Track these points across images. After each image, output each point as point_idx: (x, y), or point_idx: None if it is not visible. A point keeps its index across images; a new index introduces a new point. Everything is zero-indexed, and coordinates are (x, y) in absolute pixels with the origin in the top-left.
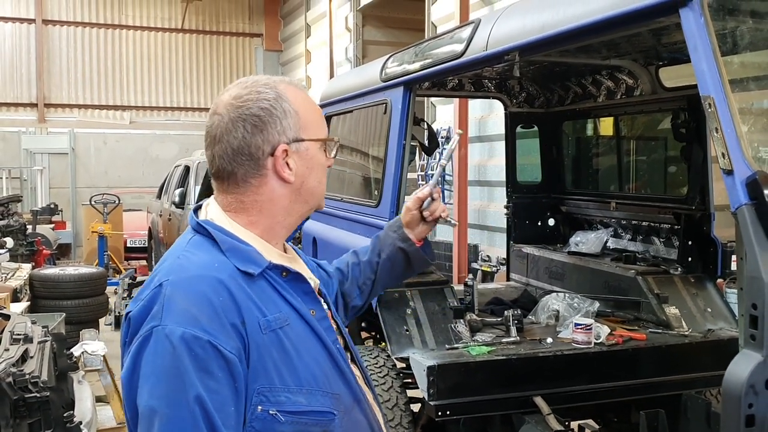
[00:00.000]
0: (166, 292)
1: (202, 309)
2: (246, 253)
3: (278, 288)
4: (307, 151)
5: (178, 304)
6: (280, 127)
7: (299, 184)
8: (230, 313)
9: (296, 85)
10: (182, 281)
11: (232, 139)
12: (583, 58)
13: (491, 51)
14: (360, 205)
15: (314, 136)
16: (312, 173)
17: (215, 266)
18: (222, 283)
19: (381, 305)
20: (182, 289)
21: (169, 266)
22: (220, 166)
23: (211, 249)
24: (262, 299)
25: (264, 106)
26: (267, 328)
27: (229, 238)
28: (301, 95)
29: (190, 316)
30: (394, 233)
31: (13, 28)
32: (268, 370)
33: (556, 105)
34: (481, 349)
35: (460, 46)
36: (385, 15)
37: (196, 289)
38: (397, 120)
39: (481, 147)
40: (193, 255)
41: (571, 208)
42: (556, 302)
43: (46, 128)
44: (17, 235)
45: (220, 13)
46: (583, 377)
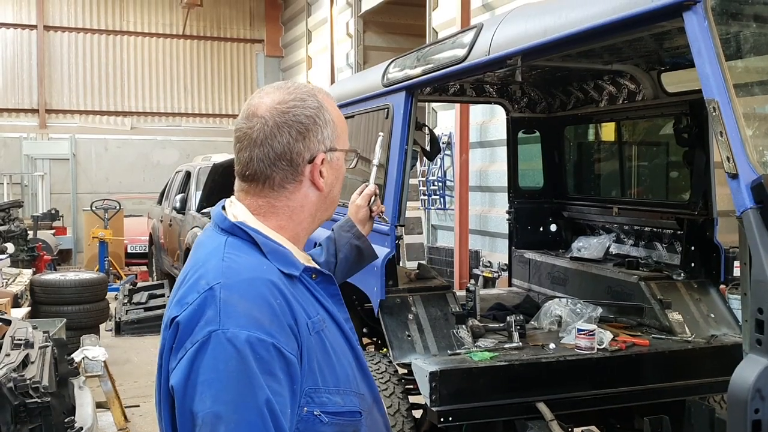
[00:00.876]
0: (220, 295)
1: (262, 311)
2: (285, 255)
3: (312, 290)
4: (338, 161)
5: (237, 307)
6: (321, 136)
7: (327, 192)
8: (287, 315)
9: (328, 94)
10: (237, 284)
11: (276, 144)
12: (585, 63)
13: (494, 55)
14: None
15: (344, 147)
16: (338, 182)
17: (264, 269)
18: (275, 284)
19: (383, 311)
20: (239, 292)
21: (216, 268)
22: (258, 170)
23: (252, 251)
24: (304, 301)
25: (309, 114)
26: (313, 330)
27: (267, 240)
28: (334, 105)
29: (251, 318)
30: (348, 233)
31: (14, 34)
32: (314, 371)
33: (558, 110)
34: (483, 354)
35: (462, 51)
36: (386, 21)
37: (255, 291)
38: (398, 125)
39: (482, 152)
40: (238, 257)
41: (573, 213)
42: (558, 308)
43: (47, 134)
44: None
45: (221, 19)
46: (587, 383)
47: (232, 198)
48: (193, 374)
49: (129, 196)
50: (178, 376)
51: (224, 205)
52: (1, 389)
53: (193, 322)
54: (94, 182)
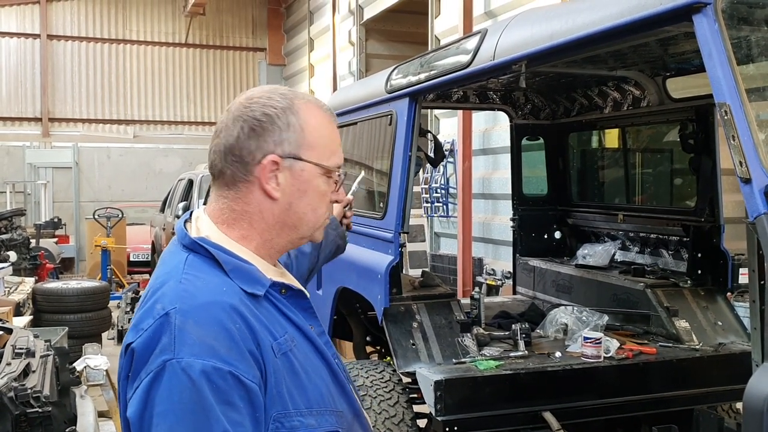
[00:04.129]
0: (175, 321)
1: (218, 338)
2: (249, 272)
3: (280, 307)
4: (302, 173)
5: (192, 334)
6: (278, 138)
7: (286, 204)
8: (247, 340)
9: (321, 106)
10: (193, 309)
11: (228, 137)
12: (589, 69)
13: (498, 61)
14: (365, 217)
15: (316, 160)
16: (304, 198)
17: (224, 290)
18: (235, 308)
19: (387, 319)
20: (194, 318)
21: (172, 292)
22: (213, 162)
23: (213, 270)
24: (270, 321)
25: (268, 113)
26: (279, 352)
27: (230, 257)
28: (318, 116)
29: (206, 346)
30: (334, 231)
31: (18, 43)
32: (282, 394)
33: (562, 116)
34: (488, 363)
35: (466, 57)
36: (389, 29)
37: (211, 317)
38: (402, 131)
39: (485, 160)
40: (196, 279)
41: (578, 220)
42: (564, 316)
43: (50, 142)
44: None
45: (223, 28)
46: (593, 392)
47: (202, 207)
48: (148, 405)
49: (131, 204)
50: (134, 407)
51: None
52: (2, 399)
53: (148, 350)
54: (97, 190)
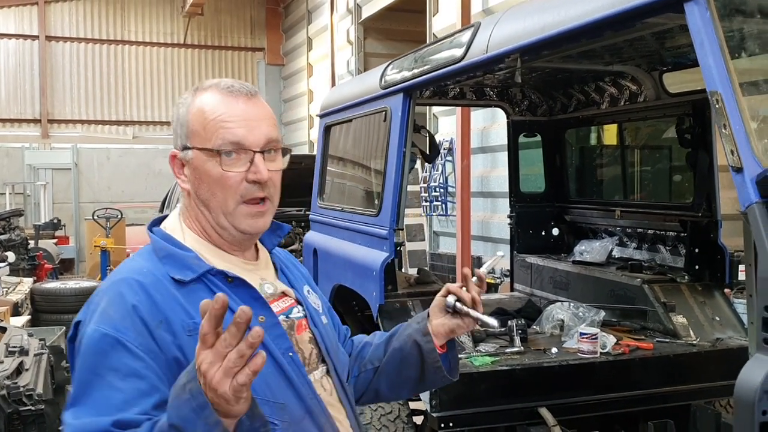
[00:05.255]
0: (96, 296)
1: (116, 308)
2: (183, 259)
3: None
4: (193, 160)
5: (101, 305)
6: (178, 132)
7: (194, 193)
8: (145, 312)
9: (222, 87)
10: (109, 285)
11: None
12: (585, 64)
13: (491, 54)
14: (360, 214)
15: (199, 145)
16: (202, 184)
17: (143, 271)
18: (142, 285)
19: (382, 316)
20: (106, 292)
21: (111, 273)
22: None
23: (150, 256)
24: (192, 303)
25: (175, 112)
26: (193, 331)
27: (168, 245)
28: (207, 99)
29: (105, 316)
30: (417, 323)
31: (16, 45)
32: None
33: (559, 113)
34: (484, 359)
35: (459, 51)
36: (387, 27)
37: (116, 290)
38: (396, 127)
39: (483, 158)
40: (131, 261)
41: (576, 216)
42: (560, 312)
43: (49, 144)
44: (19, 249)
45: (222, 28)
46: (589, 388)
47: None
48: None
49: (131, 204)
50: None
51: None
52: None
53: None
54: (96, 191)
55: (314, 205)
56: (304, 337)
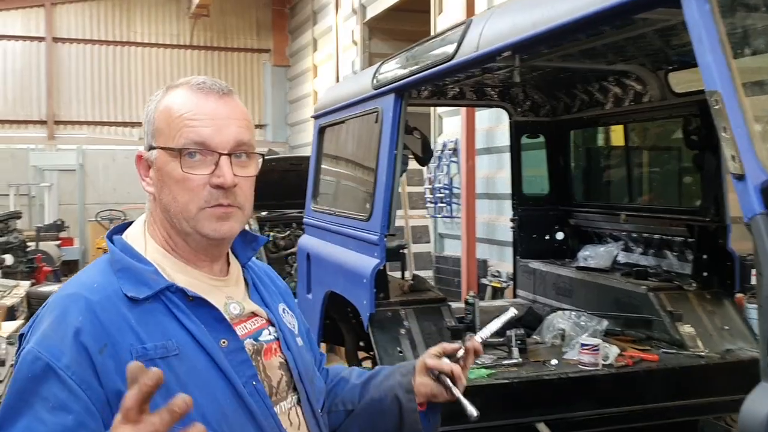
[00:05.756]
0: (43, 310)
1: (56, 329)
2: (139, 274)
3: (176, 313)
4: (156, 160)
5: (43, 323)
6: (146, 132)
7: (157, 197)
8: (87, 336)
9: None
10: (55, 300)
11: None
12: (587, 63)
13: (482, 51)
14: (351, 219)
15: (162, 144)
16: (165, 186)
17: (93, 287)
18: (89, 303)
19: (373, 325)
20: (50, 309)
21: (63, 285)
22: None
23: (106, 269)
24: (145, 325)
25: (144, 110)
26: (142, 357)
27: (126, 257)
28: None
29: (43, 335)
30: (401, 376)
31: (23, 47)
32: None
33: (563, 113)
34: (480, 372)
35: (450, 48)
36: (392, 27)
37: (60, 308)
38: (388, 129)
39: (489, 159)
40: (83, 274)
41: (580, 220)
42: (561, 321)
43: (55, 145)
44: (17, 252)
45: (228, 29)
46: (591, 402)
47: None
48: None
49: (137, 206)
50: None
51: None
52: None
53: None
54: (102, 193)
55: (308, 208)
56: (274, 363)
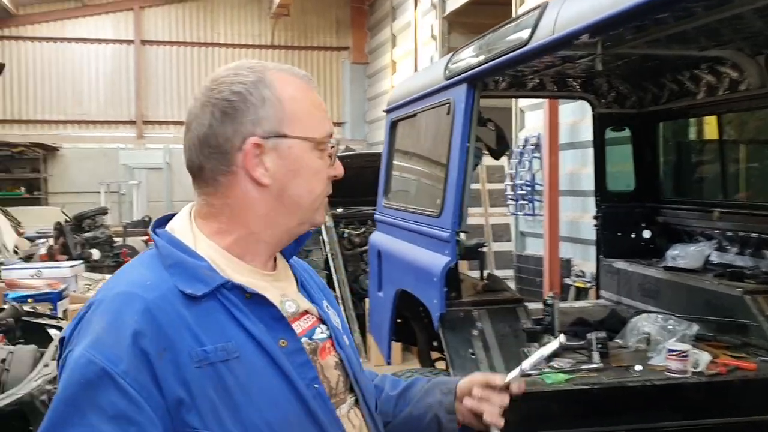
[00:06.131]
0: (87, 312)
1: (110, 331)
2: (193, 270)
3: (234, 312)
4: (290, 150)
5: (93, 325)
6: (255, 117)
7: (278, 189)
8: (146, 339)
9: (296, 73)
10: (106, 299)
11: (200, 127)
12: (677, 49)
13: (558, 35)
14: (422, 215)
15: (301, 134)
16: (297, 178)
17: (147, 284)
18: (145, 302)
19: (443, 325)
20: (102, 308)
21: (107, 282)
22: (190, 159)
23: (155, 264)
24: (204, 326)
25: (237, 90)
26: (203, 361)
27: (177, 251)
28: (294, 84)
29: (95, 337)
30: (442, 394)
31: (114, 50)
32: (201, 409)
33: (650, 104)
34: (557, 376)
35: (525, 34)
36: (471, 21)
37: (113, 307)
38: (460, 120)
39: (573, 154)
40: (132, 269)
41: (669, 218)
42: (647, 324)
43: (143, 144)
44: (104, 246)
45: (308, 28)
46: (678, 412)
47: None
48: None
49: None
50: None
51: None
52: (34, 402)
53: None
54: (189, 191)
55: (379, 204)
56: (330, 362)
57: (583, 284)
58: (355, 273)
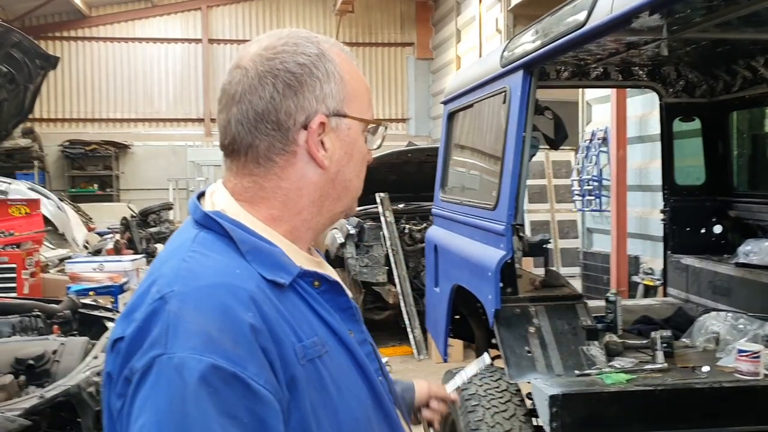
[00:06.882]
0: (171, 307)
1: (224, 329)
2: (272, 255)
3: (311, 302)
4: (349, 132)
5: (190, 322)
6: (320, 93)
7: (334, 172)
8: (261, 336)
9: (343, 48)
10: (194, 292)
11: (257, 100)
12: (750, 33)
13: (616, 13)
14: (477, 207)
15: (359, 115)
16: (351, 162)
17: (237, 273)
18: (249, 293)
19: (499, 322)
20: (195, 303)
21: (172, 272)
22: (237, 136)
23: (227, 250)
24: (295, 318)
25: (302, 62)
26: (304, 357)
27: (249, 235)
28: (348, 61)
29: (208, 338)
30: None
31: (182, 49)
32: (304, 413)
33: (721, 93)
34: (618, 376)
35: (582, 15)
36: (537, 13)
37: (216, 301)
38: (516, 109)
39: (642, 148)
40: (204, 257)
41: (741, 212)
42: (716, 323)
43: (211, 142)
44: None
45: (372, 24)
46: (748, 416)
47: (217, 182)
48: (133, 415)
49: None
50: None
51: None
52: (81, 394)
53: (136, 344)
54: None
55: (436, 198)
56: None
57: (652, 282)
58: (416, 269)
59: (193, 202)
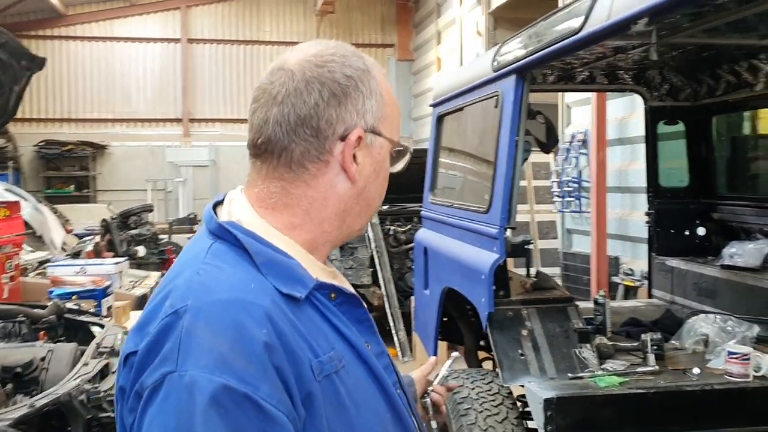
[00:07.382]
0: (183, 323)
1: (236, 347)
2: (288, 268)
3: (328, 315)
4: (381, 150)
5: (202, 339)
6: (362, 107)
7: (361, 187)
8: (276, 354)
9: (382, 69)
10: (207, 307)
11: (301, 104)
12: (735, 38)
13: (614, 20)
14: (469, 211)
15: (391, 136)
16: (377, 180)
17: (251, 287)
18: (263, 310)
19: (492, 325)
20: (207, 319)
21: (186, 285)
22: (274, 136)
23: (241, 262)
24: (311, 333)
25: (349, 74)
26: (321, 373)
27: (264, 247)
28: (386, 80)
29: (219, 357)
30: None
31: (161, 48)
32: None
33: (705, 97)
34: (610, 379)
35: (577, 21)
36: (517, 16)
37: (228, 318)
38: (508, 113)
39: (622, 150)
40: (218, 270)
41: (725, 214)
42: (705, 325)
43: (190, 142)
44: (149, 243)
45: (353, 25)
46: (738, 418)
47: (236, 189)
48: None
49: None
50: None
51: (222, 199)
52: (72, 402)
53: (148, 359)
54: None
55: (425, 200)
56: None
57: (632, 282)
58: (400, 270)
59: (208, 211)
